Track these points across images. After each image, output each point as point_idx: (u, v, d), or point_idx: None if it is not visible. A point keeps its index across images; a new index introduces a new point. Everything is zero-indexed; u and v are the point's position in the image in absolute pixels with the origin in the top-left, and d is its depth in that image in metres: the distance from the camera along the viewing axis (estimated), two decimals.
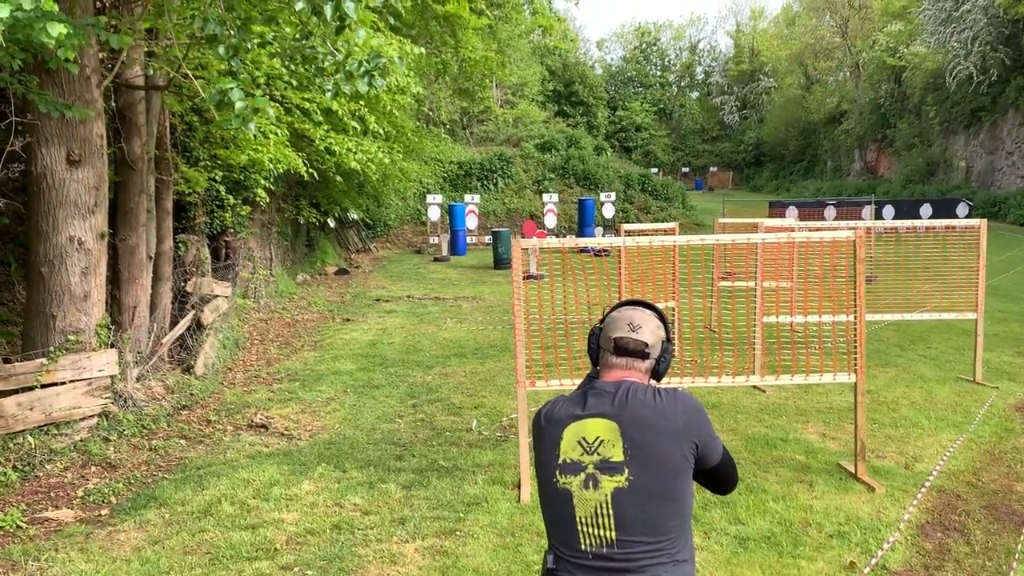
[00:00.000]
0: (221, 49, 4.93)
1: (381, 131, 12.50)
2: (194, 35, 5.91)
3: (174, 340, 8.45)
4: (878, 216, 26.32)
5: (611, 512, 1.98)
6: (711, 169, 60.41)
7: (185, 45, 6.35)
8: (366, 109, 10.08)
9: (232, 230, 11.17)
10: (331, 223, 22.24)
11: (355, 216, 24.29)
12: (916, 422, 6.94)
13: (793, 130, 55.19)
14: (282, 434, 6.88)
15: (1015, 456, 6.04)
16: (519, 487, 5.39)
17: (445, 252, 23.82)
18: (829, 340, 9.18)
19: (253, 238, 13.70)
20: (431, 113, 23.88)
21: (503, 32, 15.65)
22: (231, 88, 4.69)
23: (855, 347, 5.49)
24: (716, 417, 7.15)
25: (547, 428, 2.14)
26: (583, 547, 2.00)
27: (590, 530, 1.99)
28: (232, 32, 4.93)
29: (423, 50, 11.07)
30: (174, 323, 8.60)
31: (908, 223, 8.21)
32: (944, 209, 28.56)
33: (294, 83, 8.29)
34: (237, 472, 5.77)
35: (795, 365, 6.60)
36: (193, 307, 8.99)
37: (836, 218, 25.11)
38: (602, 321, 2.30)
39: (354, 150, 10.58)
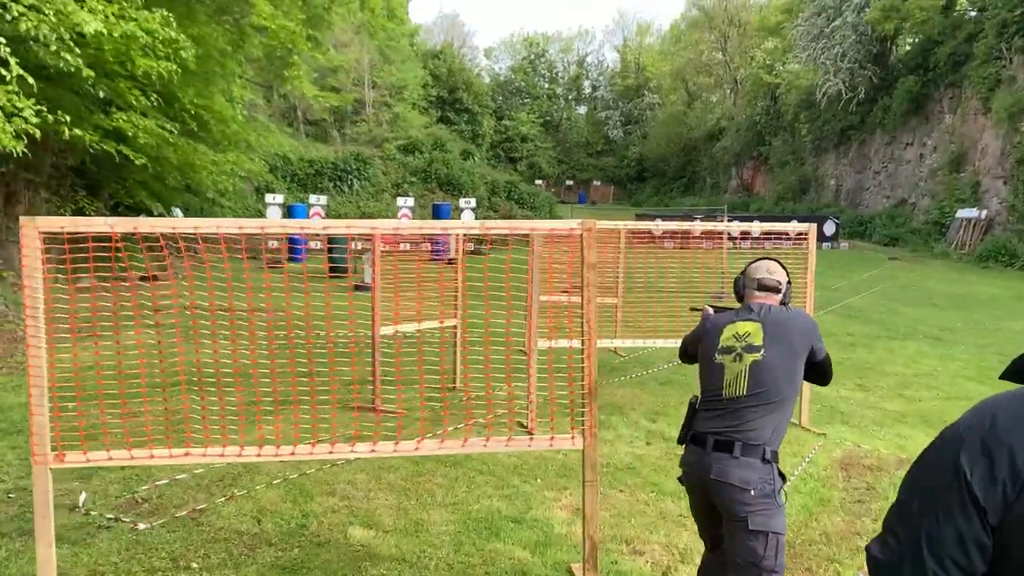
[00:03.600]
0: None
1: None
2: None
3: None
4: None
5: (747, 377, 2.95)
6: (594, 183, 59.59)
7: None
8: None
9: None
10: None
11: (179, 214, 21.74)
12: None
13: (674, 146, 54.93)
14: None
15: (822, 551, 4.29)
16: None
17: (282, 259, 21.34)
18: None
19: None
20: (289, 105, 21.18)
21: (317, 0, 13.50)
22: None
23: (583, 397, 3.61)
24: (451, 480, 5.19)
25: (711, 328, 3.18)
26: (723, 396, 2.99)
27: (729, 389, 2.98)
28: None
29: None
30: None
31: (699, 226, 6.47)
32: None
33: None
34: None
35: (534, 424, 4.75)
36: None
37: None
38: (743, 273, 3.33)
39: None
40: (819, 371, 3.14)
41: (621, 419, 6.84)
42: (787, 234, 7.91)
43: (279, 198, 23.63)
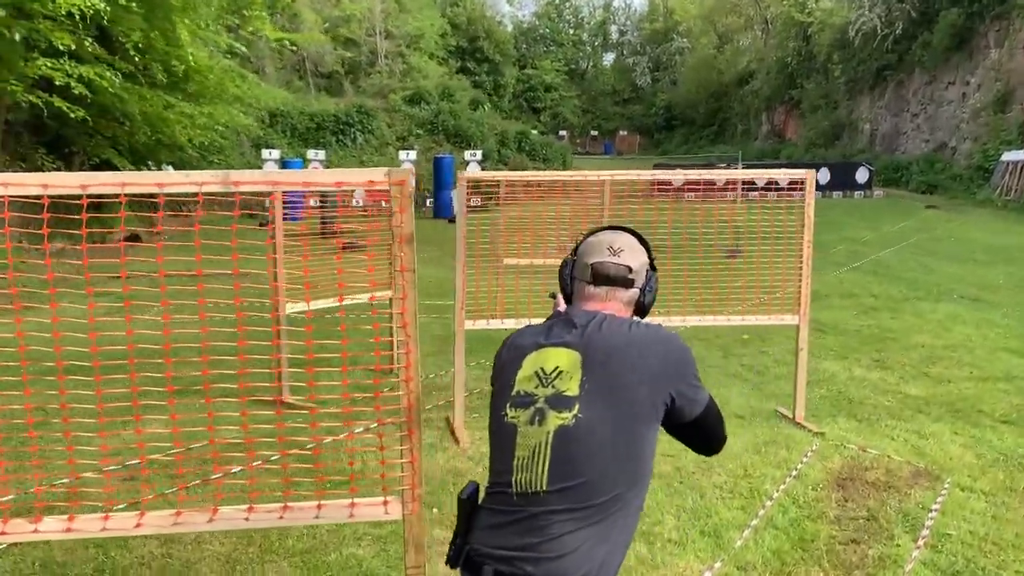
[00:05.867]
0: None
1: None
2: None
3: None
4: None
5: (548, 455, 1.64)
6: (620, 133, 57.53)
7: None
8: None
9: None
10: None
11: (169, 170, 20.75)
12: (671, 531, 3.93)
13: (704, 92, 52.56)
14: None
15: None
16: None
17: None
18: None
19: None
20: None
21: None
22: None
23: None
24: None
25: (507, 358, 1.85)
26: (511, 488, 1.67)
27: (522, 475, 1.65)
28: None
29: None
30: None
31: (678, 174, 5.14)
32: (843, 173, 26.30)
33: None
34: None
35: None
36: None
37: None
38: (575, 251, 1.93)
39: None
40: (694, 436, 1.84)
41: None
42: (779, 183, 6.50)
43: (275, 153, 22.53)
